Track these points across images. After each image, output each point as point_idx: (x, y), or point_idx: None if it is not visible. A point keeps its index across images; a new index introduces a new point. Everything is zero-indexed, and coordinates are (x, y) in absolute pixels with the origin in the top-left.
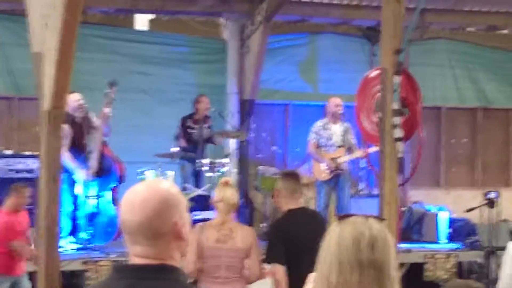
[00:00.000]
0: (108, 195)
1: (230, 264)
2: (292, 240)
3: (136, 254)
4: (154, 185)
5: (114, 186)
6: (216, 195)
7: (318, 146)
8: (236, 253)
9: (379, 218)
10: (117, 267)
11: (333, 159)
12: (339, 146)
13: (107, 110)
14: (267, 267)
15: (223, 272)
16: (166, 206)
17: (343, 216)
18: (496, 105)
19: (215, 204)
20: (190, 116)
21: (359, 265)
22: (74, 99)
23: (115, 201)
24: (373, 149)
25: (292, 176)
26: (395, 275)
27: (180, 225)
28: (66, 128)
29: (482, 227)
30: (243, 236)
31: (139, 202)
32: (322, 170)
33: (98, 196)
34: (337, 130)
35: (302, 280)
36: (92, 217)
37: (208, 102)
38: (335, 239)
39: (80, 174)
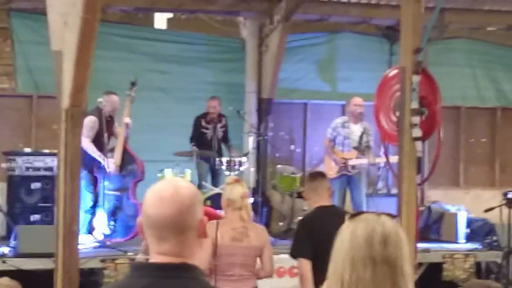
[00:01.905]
0: (130, 189)
1: (244, 262)
2: (319, 237)
3: (161, 252)
4: (178, 182)
5: (135, 182)
6: (235, 192)
7: (334, 143)
8: (251, 251)
9: (391, 215)
10: (136, 266)
11: (344, 159)
12: (354, 148)
13: (127, 119)
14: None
15: (237, 270)
16: (193, 201)
17: (355, 214)
18: None
19: (236, 201)
20: (204, 115)
21: (372, 261)
22: (115, 100)
23: (135, 196)
24: (392, 159)
25: (313, 175)
26: (408, 271)
27: (205, 222)
28: (95, 120)
29: (501, 227)
30: (258, 234)
31: (169, 196)
32: (330, 167)
33: (120, 191)
34: (355, 130)
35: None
36: (113, 212)
37: (211, 105)
38: (347, 236)
39: (109, 163)
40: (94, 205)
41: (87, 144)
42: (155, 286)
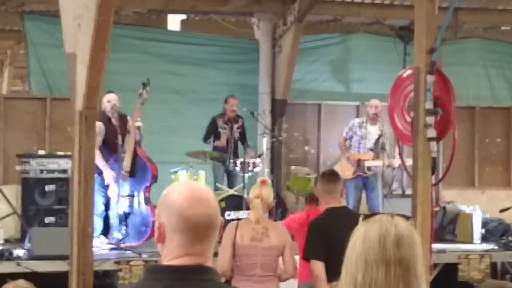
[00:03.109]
0: (141, 195)
1: (265, 262)
2: (331, 238)
3: (192, 253)
4: (198, 184)
5: (147, 186)
6: (252, 192)
7: (350, 144)
8: (271, 251)
9: (405, 216)
10: (151, 269)
11: (360, 160)
12: (370, 149)
13: (138, 122)
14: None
15: (258, 271)
16: (217, 202)
17: (369, 215)
18: None
19: (251, 201)
20: (221, 116)
21: (385, 262)
22: (106, 100)
23: (147, 201)
24: (407, 161)
25: (328, 176)
26: (422, 273)
27: (222, 223)
28: (100, 125)
29: None
30: (278, 234)
31: (205, 197)
32: (346, 168)
33: (131, 196)
34: (373, 132)
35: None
36: (125, 217)
37: (234, 103)
38: (361, 237)
39: (107, 174)
40: (106, 208)
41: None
42: None
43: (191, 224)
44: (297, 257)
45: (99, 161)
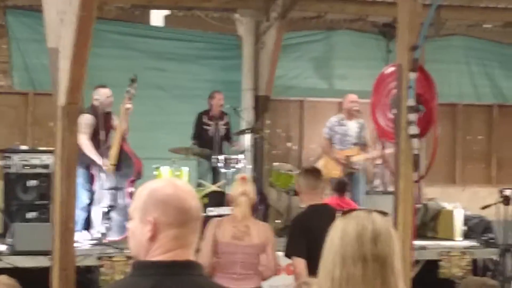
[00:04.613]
0: (125, 189)
1: (245, 261)
2: (313, 236)
3: (185, 245)
4: (178, 180)
5: (132, 180)
6: (235, 190)
7: (332, 143)
8: (252, 250)
9: (382, 212)
10: (140, 265)
11: (347, 156)
12: (354, 144)
13: (128, 105)
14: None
15: (238, 269)
16: None
17: (347, 211)
18: None
19: (236, 198)
20: (206, 112)
21: (363, 259)
22: (106, 95)
23: (131, 195)
24: (389, 150)
25: (312, 173)
26: (399, 269)
27: None
28: (91, 118)
29: (498, 225)
30: (260, 232)
31: (192, 190)
32: (333, 167)
33: (115, 190)
34: (352, 126)
35: None
36: (108, 211)
37: (221, 98)
38: (338, 234)
39: (103, 164)
40: (90, 203)
41: (84, 141)
42: (163, 284)
43: (189, 217)
44: None
45: (91, 151)
